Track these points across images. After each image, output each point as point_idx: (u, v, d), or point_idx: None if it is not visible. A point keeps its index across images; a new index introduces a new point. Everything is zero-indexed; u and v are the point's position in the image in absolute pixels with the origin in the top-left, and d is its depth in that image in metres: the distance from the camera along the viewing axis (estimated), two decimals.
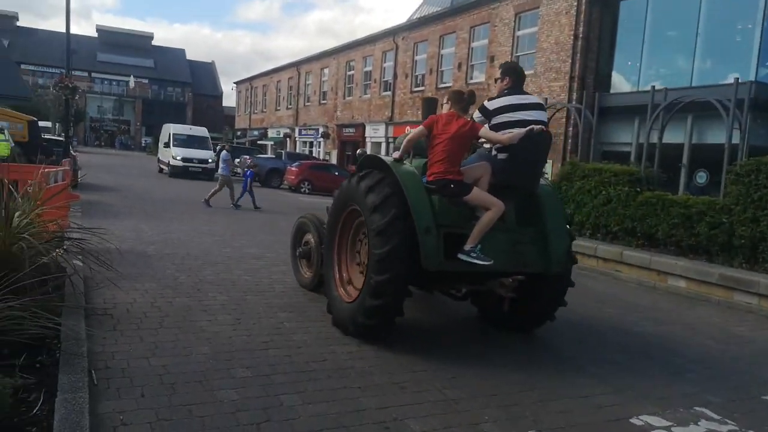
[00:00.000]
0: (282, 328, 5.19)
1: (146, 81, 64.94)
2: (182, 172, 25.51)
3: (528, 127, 4.76)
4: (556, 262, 4.94)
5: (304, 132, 40.00)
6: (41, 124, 19.29)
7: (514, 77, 5.05)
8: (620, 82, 17.48)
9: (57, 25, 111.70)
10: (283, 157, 28.96)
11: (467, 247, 4.63)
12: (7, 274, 4.01)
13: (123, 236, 8.96)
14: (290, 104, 43.04)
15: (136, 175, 25.44)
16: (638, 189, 10.85)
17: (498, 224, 4.77)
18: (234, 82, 58.69)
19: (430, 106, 5.85)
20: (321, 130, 36.63)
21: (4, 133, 10.34)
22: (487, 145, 5.19)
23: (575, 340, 5.81)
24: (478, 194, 4.71)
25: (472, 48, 23.15)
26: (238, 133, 53.74)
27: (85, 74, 60.72)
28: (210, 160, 26.03)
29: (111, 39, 66.71)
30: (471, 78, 23.09)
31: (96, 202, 13.25)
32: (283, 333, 5.03)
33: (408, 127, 27.17)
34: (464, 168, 4.84)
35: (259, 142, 46.13)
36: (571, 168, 12.48)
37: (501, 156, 4.92)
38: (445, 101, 4.97)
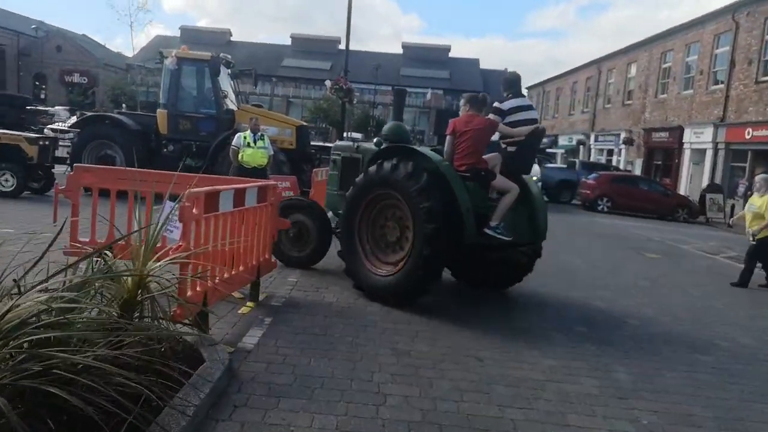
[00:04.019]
0: None
1: (441, 92, 67.46)
2: None
3: (534, 126, 5.92)
4: (541, 235, 6.09)
5: (601, 138, 35.42)
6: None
7: (513, 85, 6.14)
8: None
9: (372, 47, 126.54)
10: (577, 167, 25.19)
11: (493, 223, 5.54)
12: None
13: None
14: (586, 107, 38.79)
15: None
16: None
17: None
18: (525, 87, 56.56)
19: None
20: (623, 135, 31.69)
21: (263, 140, 9.69)
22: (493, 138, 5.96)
23: None
24: (501, 179, 5.73)
25: None
26: None
27: (389, 88, 65.84)
28: (535, 178, 21.79)
29: (414, 54, 71.25)
30: None
31: None
32: None
33: (749, 129, 20.83)
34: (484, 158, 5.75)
35: (548, 150, 42.81)
36: None
37: (510, 149, 5.99)
38: (462, 104, 5.95)
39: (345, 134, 31.33)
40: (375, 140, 6.54)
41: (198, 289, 4.02)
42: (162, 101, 12.81)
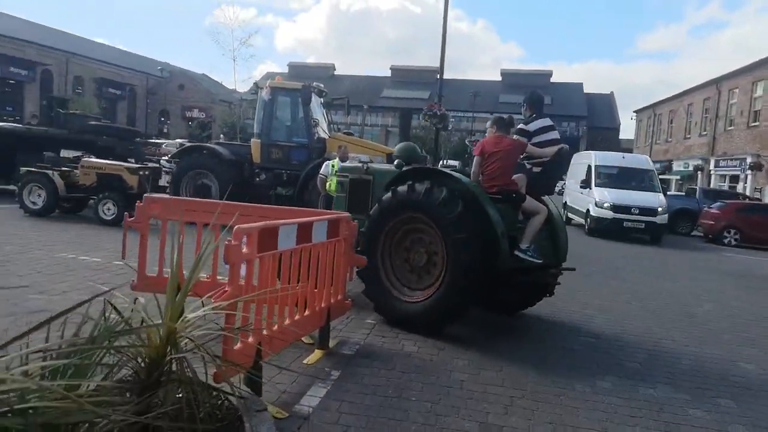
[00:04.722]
0: None
1: None
2: (610, 228, 16.29)
3: (559, 146, 5.86)
4: (563, 255, 5.99)
5: (722, 163, 32.05)
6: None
7: (537, 105, 6.14)
8: None
9: (471, 75, 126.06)
10: (698, 195, 22.68)
11: (523, 246, 5.44)
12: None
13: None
14: (704, 130, 35.47)
15: None
16: None
17: None
18: (634, 111, 53.27)
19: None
20: (749, 160, 28.37)
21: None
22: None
23: None
24: (531, 201, 5.67)
25: None
26: None
27: (488, 115, 64.74)
28: (660, 209, 16.43)
29: (513, 81, 69.76)
30: None
31: None
32: None
33: None
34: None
35: (662, 176, 39.56)
36: None
37: (536, 169, 5.92)
38: (489, 126, 5.91)
39: (441, 162, 30.72)
40: (396, 162, 6.29)
41: (250, 340, 3.46)
42: (256, 131, 12.91)
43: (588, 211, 16.96)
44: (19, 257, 7.24)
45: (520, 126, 5.97)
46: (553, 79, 72.21)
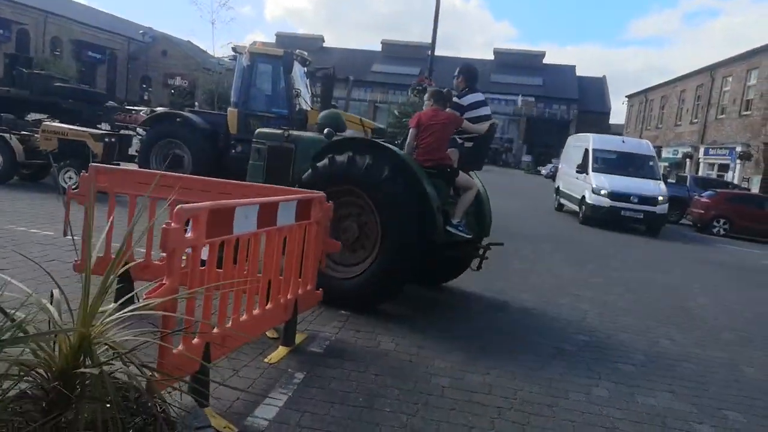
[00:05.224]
0: None
1: (532, 99, 64.73)
2: (607, 218, 15.24)
3: (490, 122, 5.93)
4: (487, 231, 6.10)
5: (711, 152, 31.84)
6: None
7: (471, 79, 6.04)
8: None
9: (463, 54, 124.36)
10: (688, 183, 22.37)
11: (455, 221, 5.44)
12: None
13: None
14: (695, 118, 35.22)
15: (518, 205, 18.76)
16: None
17: None
18: (626, 96, 52.88)
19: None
20: (739, 149, 28.16)
21: None
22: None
23: None
24: (464, 176, 5.67)
25: None
26: None
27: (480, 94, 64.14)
28: (661, 199, 15.54)
29: (505, 60, 68.95)
30: None
31: None
32: None
33: None
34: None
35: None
36: None
37: (467, 144, 5.96)
38: (426, 99, 5.81)
39: None
40: (326, 131, 5.82)
41: (196, 341, 2.90)
42: (233, 99, 12.09)
43: (583, 197, 15.85)
44: None
45: (454, 99, 5.89)
46: (545, 61, 71.43)
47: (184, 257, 2.89)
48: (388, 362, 4.14)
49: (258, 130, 6.85)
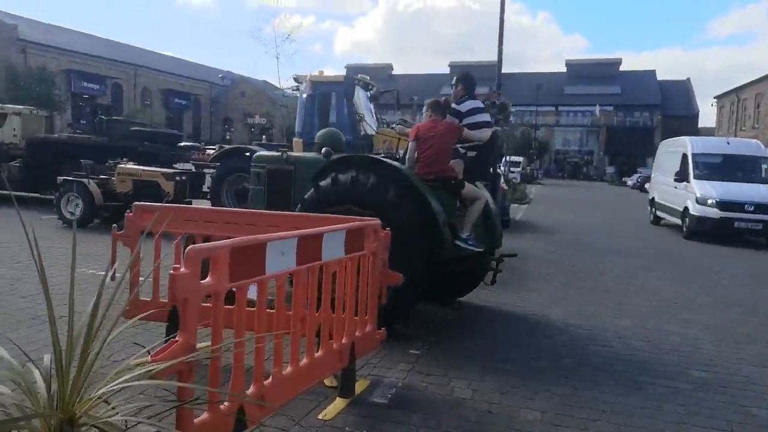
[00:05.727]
0: None
1: (611, 108, 61.96)
2: (718, 231, 13.16)
3: (492, 129, 5.89)
4: (498, 242, 5.86)
5: None
6: None
7: (470, 86, 5.95)
8: None
9: (532, 68, 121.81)
10: None
11: (464, 234, 5.20)
12: None
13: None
14: None
15: (603, 217, 18.08)
16: None
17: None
18: (714, 97, 49.37)
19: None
20: None
21: None
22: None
23: None
24: (470, 188, 5.46)
25: None
26: None
27: (552, 108, 62.17)
28: None
29: (578, 71, 66.63)
30: None
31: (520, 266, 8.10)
32: None
33: None
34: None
35: None
36: None
37: (470, 153, 5.79)
38: (425, 110, 5.51)
39: (505, 158, 29.06)
40: (324, 150, 5.71)
41: (225, 405, 2.44)
42: (297, 129, 12.00)
43: (686, 209, 13.94)
44: (34, 273, 6.62)
45: (453, 106, 5.76)
46: (621, 68, 68.28)
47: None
48: (464, 413, 3.52)
49: (256, 154, 6.70)
